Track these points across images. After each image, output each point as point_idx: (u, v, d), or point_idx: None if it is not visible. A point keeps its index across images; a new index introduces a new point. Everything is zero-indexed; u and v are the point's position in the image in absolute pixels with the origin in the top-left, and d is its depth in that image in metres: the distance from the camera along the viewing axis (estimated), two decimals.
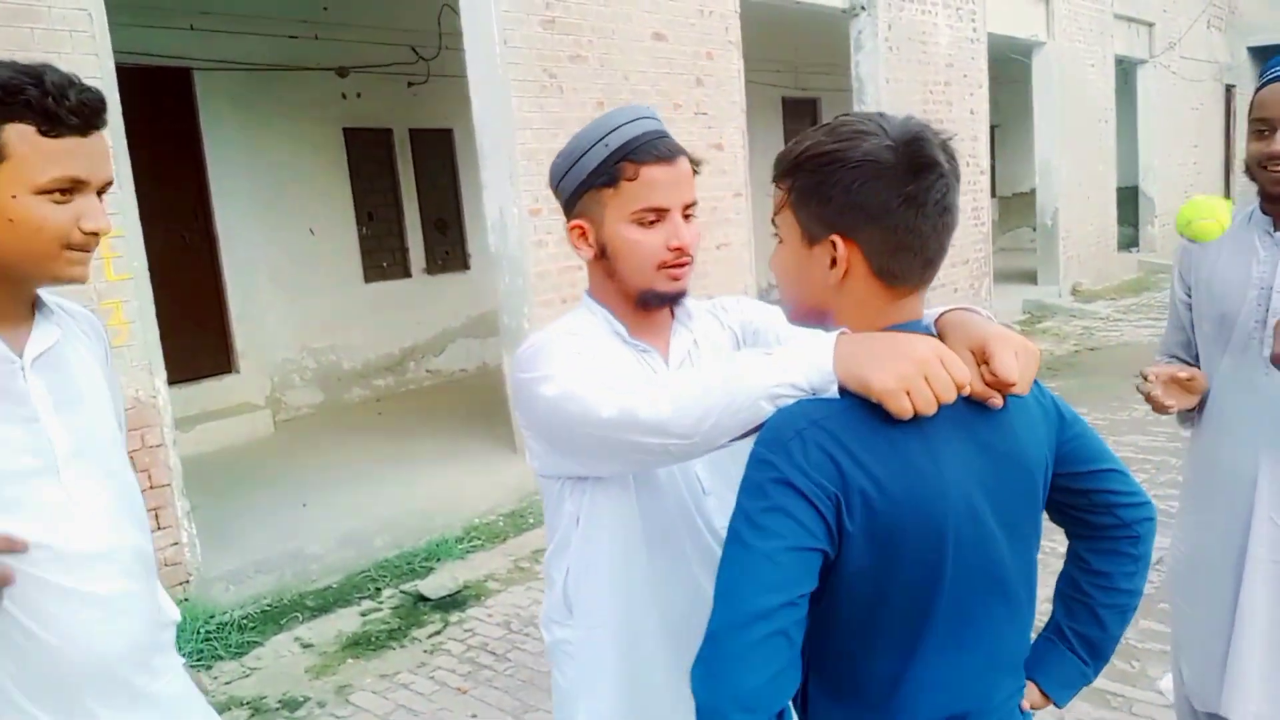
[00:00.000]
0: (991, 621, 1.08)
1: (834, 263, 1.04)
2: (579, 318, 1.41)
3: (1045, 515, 1.19)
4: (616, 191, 1.30)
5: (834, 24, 8.43)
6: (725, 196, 6.68)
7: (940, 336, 1.10)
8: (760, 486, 0.98)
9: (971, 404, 1.04)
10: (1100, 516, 1.20)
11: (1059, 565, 1.28)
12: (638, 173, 1.28)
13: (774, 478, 0.97)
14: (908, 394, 0.97)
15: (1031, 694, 1.22)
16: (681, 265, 1.33)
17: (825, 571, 0.99)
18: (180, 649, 1.42)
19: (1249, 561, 1.86)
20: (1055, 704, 1.25)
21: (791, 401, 1.04)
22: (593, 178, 1.31)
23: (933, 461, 1.00)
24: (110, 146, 1.23)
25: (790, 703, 0.99)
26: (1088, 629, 1.23)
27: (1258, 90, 1.82)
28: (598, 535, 1.36)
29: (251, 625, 3.80)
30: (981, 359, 1.04)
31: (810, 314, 1.12)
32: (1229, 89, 16.25)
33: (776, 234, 1.12)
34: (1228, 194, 16.42)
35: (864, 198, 1.00)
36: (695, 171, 1.36)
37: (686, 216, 1.33)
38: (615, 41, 5.90)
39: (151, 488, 3.86)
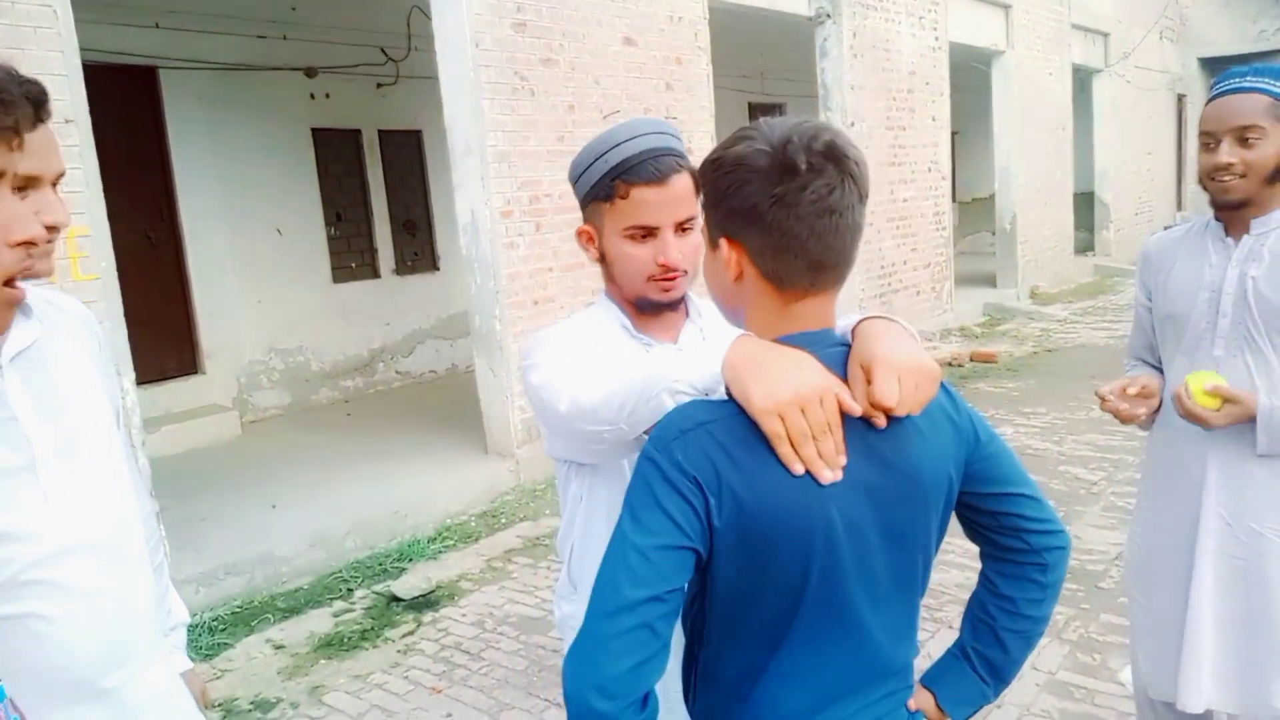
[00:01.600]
0: (861, 626, 1.10)
1: (727, 264, 1.08)
2: (593, 312, 1.50)
3: (964, 532, 1.25)
4: (612, 206, 1.39)
5: (800, 31, 8.54)
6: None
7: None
8: (644, 482, 1.03)
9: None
10: (1008, 539, 1.21)
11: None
12: (628, 192, 1.35)
13: (656, 475, 1.02)
14: (783, 420, 1.00)
15: (924, 700, 1.24)
16: (670, 279, 1.39)
17: (702, 567, 1.04)
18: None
19: (1198, 554, 1.94)
20: (951, 718, 1.26)
21: (687, 399, 1.11)
22: (594, 191, 1.40)
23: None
24: (59, 139, 1.22)
25: (659, 688, 1.03)
26: (990, 651, 1.25)
27: (1206, 105, 1.92)
28: (597, 515, 1.44)
29: (222, 627, 3.79)
30: (867, 379, 1.05)
31: (730, 313, 1.16)
32: (1180, 98, 16.69)
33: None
34: (1179, 201, 16.84)
35: (738, 201, 1.04)
36: (699, 185, 1.39)
37: (683, 231, 1.39)
38: (586, 45, 5.94)
39: None
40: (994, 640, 1.24)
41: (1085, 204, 13.88)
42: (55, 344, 1.25)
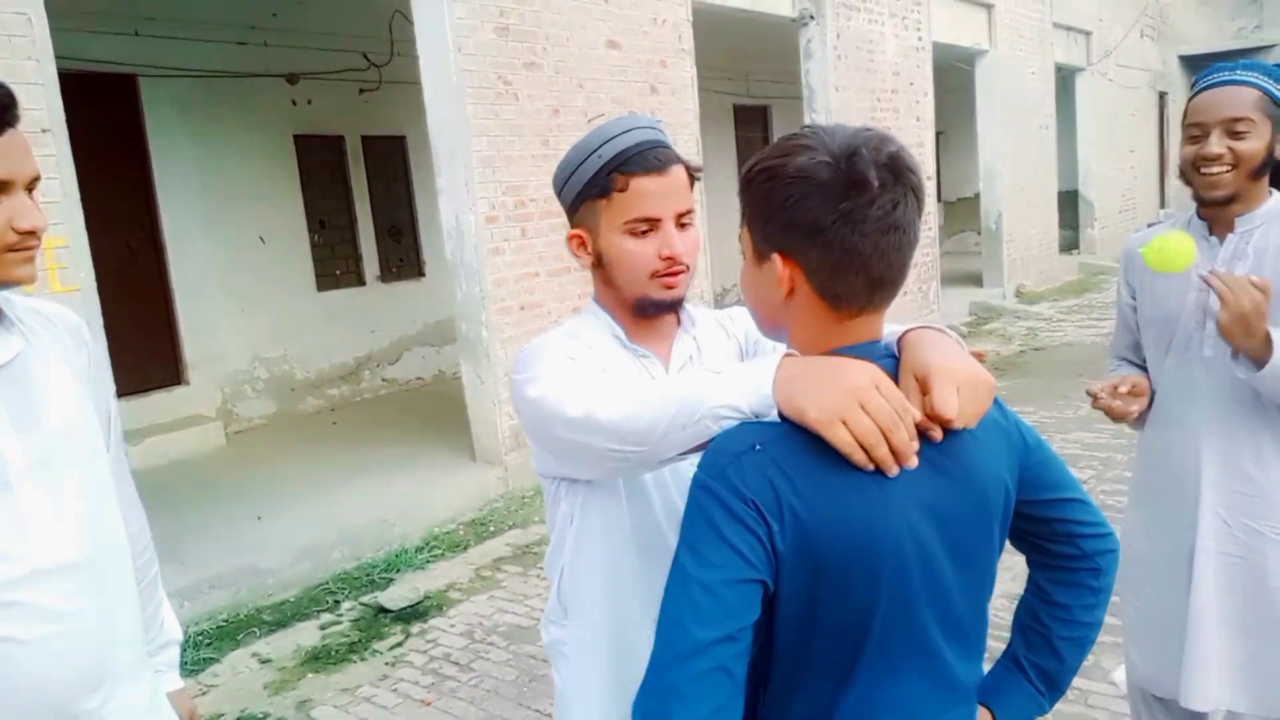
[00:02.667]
0: (934, 650, 1.05)
1: (779, 281, 1.02)
2: (582, 321, 1.43)
3: (1007, 542, 1.18)
4: (609, 202, 1.32)
5: (784, 33, 8.54)
6: None
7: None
8: (701, 512, 0.96)
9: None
10: (1061, 546, 1.17)
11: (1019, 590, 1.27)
12: (628, 184, 1.30)
13: (714, 504, 0.95)
14: (846, 425, 0.95)
15: None
16: (674, 274, 1.34)
17: (766, 600, 0.98)
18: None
19: (1198, 554, 1.92)
20: None
21: (734, 423, 1.04)
22: (588, 189, 1.33)
23: (877, 486, 0.97)
24: (33, 147, 1.19)
25: None
26: (1045, 660, 1.21)
27: (1191, 98, 1.89)
28: (590, 537, 1.38)
29: (207, 642, 3.74)
30: (924, 389, 1.00)
31: (771, 329, 1.12)
32: (1162, 96, 16.80)
33: (743, 252, 1.10)
34: (1162, 198, 16.94)
35: (798, 215, 0.97)
36: (694, 179, 1.37)
37: (682, 225, 1.34)
38: (569, 49, 5.92)
39: None
40: (1048, 649, 1.21)
41: (1069, 202, 13.94)
42: (39, 357, 1.22)
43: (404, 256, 8.46)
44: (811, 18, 8.25)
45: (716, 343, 1.48)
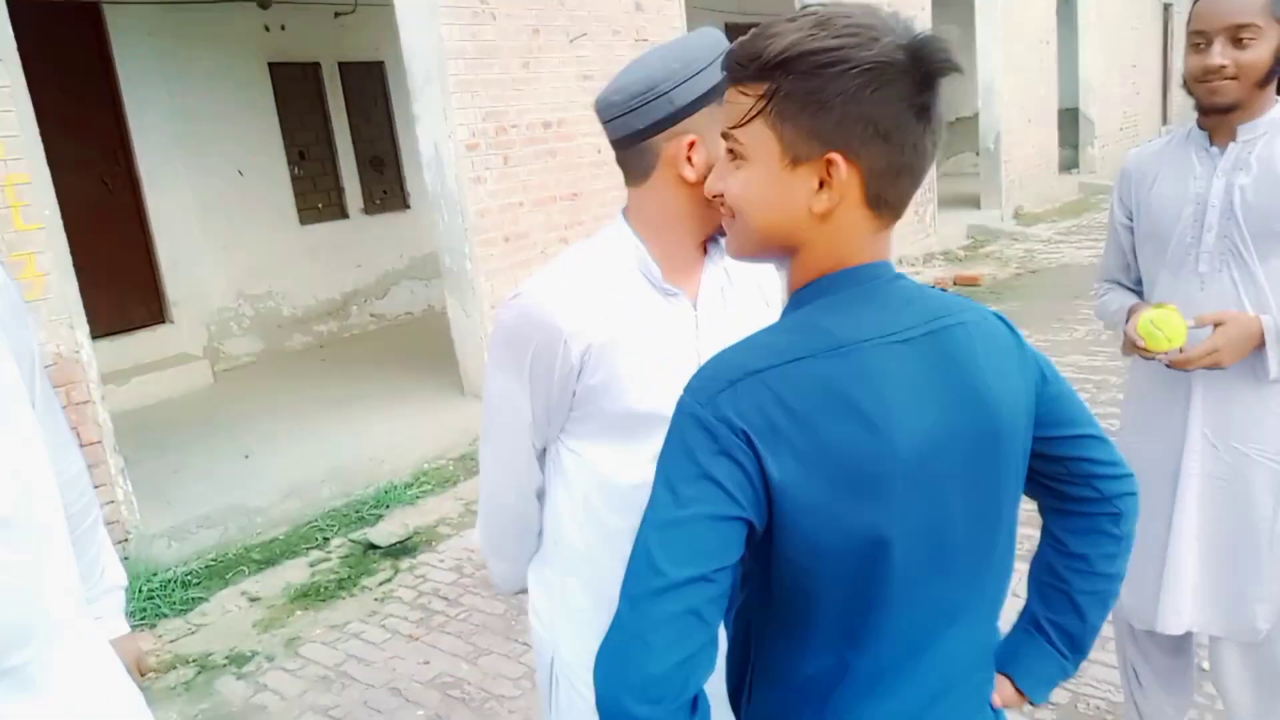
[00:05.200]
0: (953, 608, 0.95)
1: (822, 185, 0.87)
2: (606, 247, 1.28)
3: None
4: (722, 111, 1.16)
5: None
6: None
7: None
8: (681, 441, 0.87)
9: (944, 354, 0.92)
10: (1077, 488, 1.06)
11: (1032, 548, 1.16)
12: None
13: (696, 431, 0.86)
14: None
15: (1004, 690, 1.09)
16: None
17: (758, 545, 0.88)
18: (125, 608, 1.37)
19: (1183, 476, 1.88)
20: (1031, 702, 1.11)
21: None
22: (715, 92, 1.18)
23: (883, 418, 0.87)
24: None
25: (706, 691, 0.86)
26: (1066, 619, 1.10)
27: (1195, 2, 1.78)
28: (564, 484, 1.34)
29: (195, 581, 3.72)
30: None
31: (772, 248, 0.94)
32: (1166, 8, 16.34)
33: (733, 151, 0.92)
34: (1165, 114, 16.61)
35: (875, 109, 0.84)
36: None
37: None
38: None
39: (81, 446, 3.72)
40: (1070, 607, 1.09)
41: (1069, 120, 13.64)
42: None
43: (387, 188, 8.27)
44: None
45: (745, 279, 1.36)
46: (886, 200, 0.89)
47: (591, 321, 1.22)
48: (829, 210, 0.88)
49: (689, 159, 1.20)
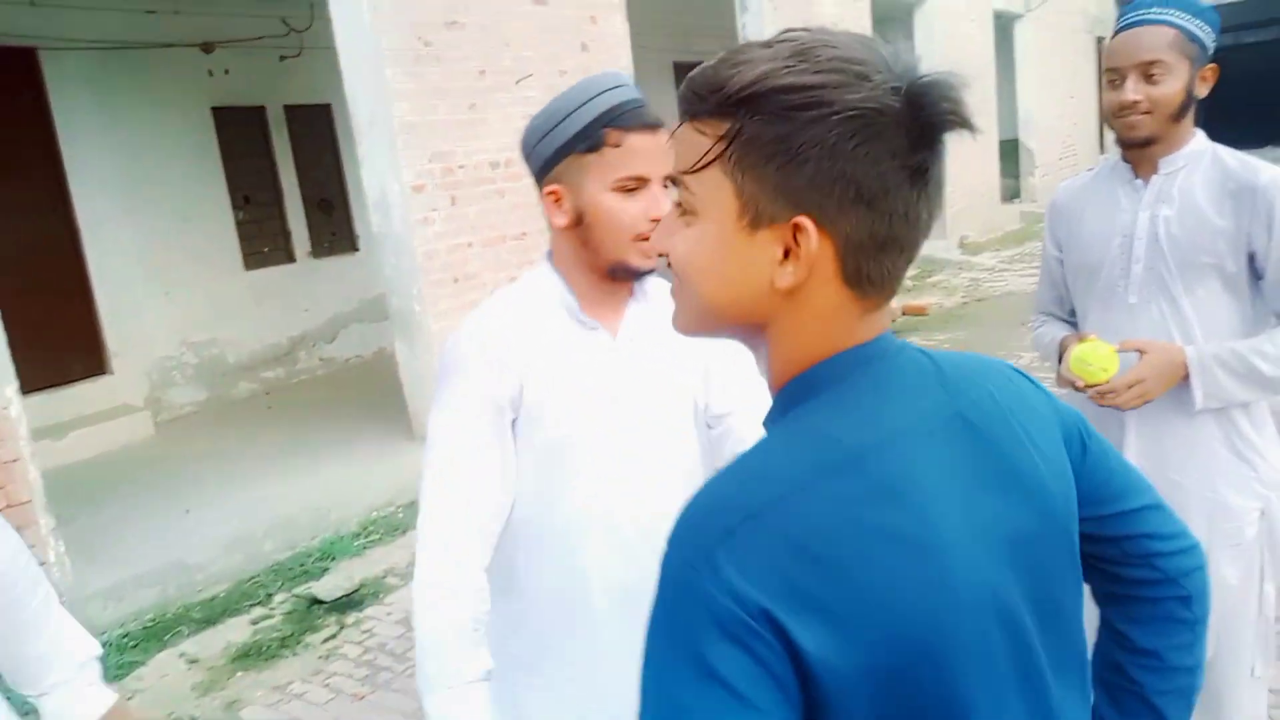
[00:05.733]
0: None
1: (787, 255, 0.70)
2: (529, 287, 1.36)
3: None
4: (600, 157, 1.25)
5: None
6: None
7: None
8: (674, 626, 0.65)
9: (981, 438, 0.75)
10: (1136, 570, 0.87)
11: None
12: (622, 139, 1.24)
13: (697, 614, 0.64)
14: None
15: None
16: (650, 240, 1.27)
17: None
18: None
19: None
20: None
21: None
22: (576, 141, 1.25)
23: (927, 530, 0.68)
24: None
25: None
26: None
27: (1112, 38, 1.83)
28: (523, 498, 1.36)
29: (133, 644, 3.58)
30: None
31: (728, 326, 0.76)
32: (1099, 40, 16.88)
33: (680, 203, 0.75)
34: (1102, 144, 17.10)
35: (858, 166, 0.67)
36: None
37: (665, 189, 1.29)
38: (493, 6, 5.68)
39: (9, 506, 3.58)
40: (1147, 710, 0.89)
41: (1010, 151, 13.99)
42: None
43: (336, 230, 8.18)
44: None
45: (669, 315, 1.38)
46: (870, 278, 0.72)
47: (518, 355, 1.29)
48: (795, 287, 0.71)
49: (550, 210, 1.29)
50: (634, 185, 1.25)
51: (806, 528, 0.65)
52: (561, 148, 1.26)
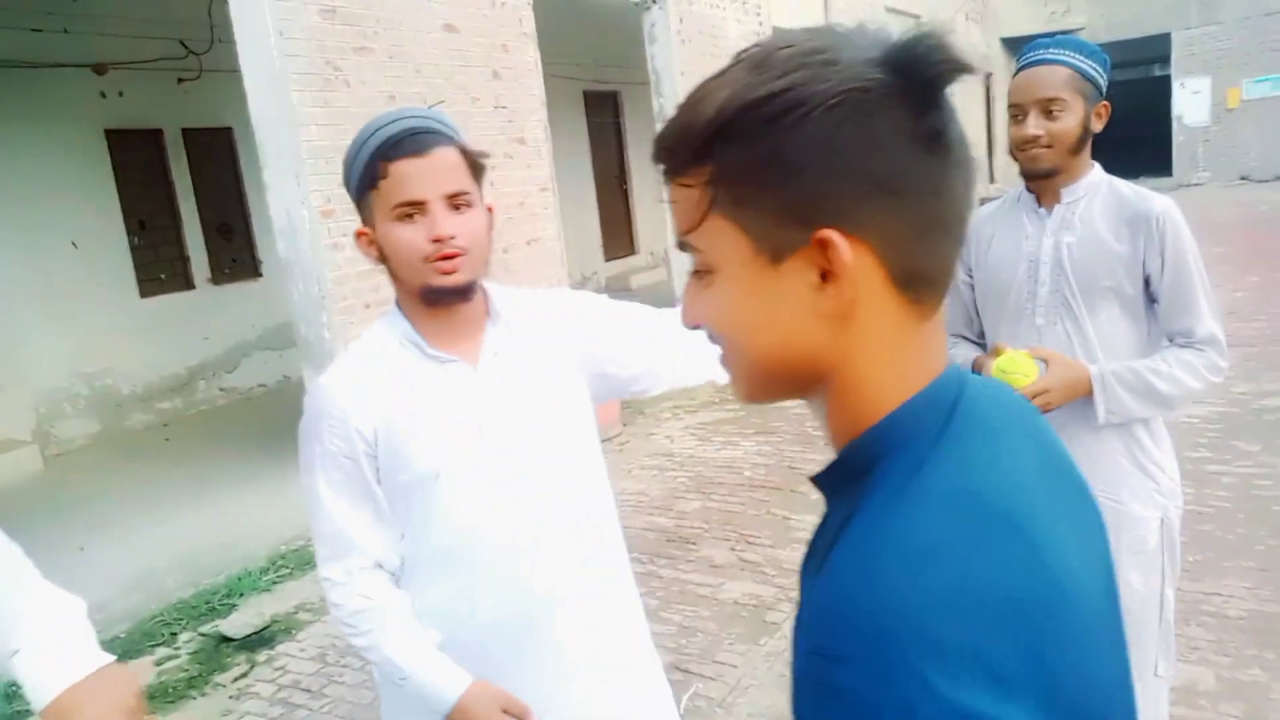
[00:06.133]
0: None
1: (826, 277, 0.61)
2: (375, 334, 1.38)
3: None
4: (379, 192, 1.28)
5: (628, 17, 8.49)
6: (532, 191, 6.58)
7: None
8: None
9: (1069, 476, 0.71)
10: None
11: None
12: (389, 170, 1.26)
13: None
14: None
15: None
16: (449, 256, 1.27)
17: None
18: None
19: None
20: None
21: None
22: (361, 182, 1.29)
23: (1074, 586, 0.60)
24: None
25: None
26: None
27: (1013, 76, 1.94)
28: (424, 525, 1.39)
29: (22, 693, 3.36)
30: None
31: (790, 380, 0.66)
32: (987, 77, 17.79)
33: (696, 268, 0.67)
34: (991, 174, 17.97)
35: (862, 155, 0.59)
36: (476, 163, 1.32)
37: (456, 207, 1.29)
38: (404, 32, 5.66)
39: None
40: None
41: None
42: None
43: (237, 256, 7.95)
44: (653, 2, 8.23)
45: (533, 330, 1.42)
46: (923, 274, 0.63)
47: (362, 408, 1.30)
48: (843, 309, 0.61)
49: (364, 251, 1.34)
50: (411, 211, 1.27)
51: (997, 603, 0.54)
52: (357, 191, 1.31)
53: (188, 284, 7.52)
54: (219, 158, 7.81)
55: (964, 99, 16.39)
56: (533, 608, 1.34)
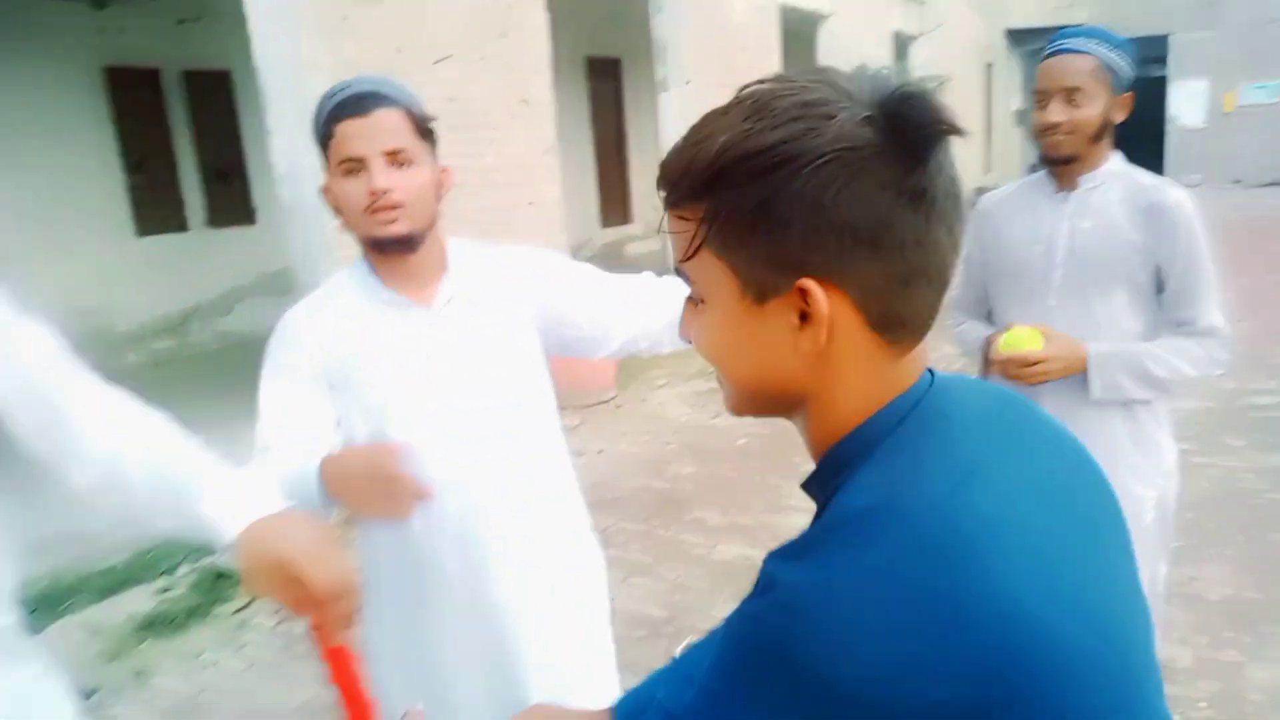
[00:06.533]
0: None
1: (805, 319, 0.67)
2: (338, 278, 1.52)
3: None
4: (330, 150, 1.41)
5: None
6: (534, 153, 6.59)
7: None
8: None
9: (1038, 437, 0.75)
10: None
11: None
12: (335, 130, 1.38)
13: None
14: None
15: None
16: (385, 208, 1.38)
17: None
18: None
19: None
20: None
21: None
22: (321, 143, 1.42)
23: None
24: None
25: None
26: None
27: (1040, 62, 1.97)
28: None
29: (30, 610, 3.41)
30: None
31: (771, 402, 0.74)
32: (988, 67, 17.82)
33: (690, 294, 0.74)
34: (988, 163, 18.01)
35: (849, 211, 0.64)
36: (421, 125, 1.43)
37: (399, 165, 1.39)
38: None
39: None
40: None
41: None
42: None
43: (233, 200, 7.91)
44: None
45: (490, 281, 1.51)
46: (901, 319, 0.68)
47: (317, 335, 1.44)
48: (819, 349, 0.67)
49: (330, 206, 1.45)
50: (352, 167, 1.38)
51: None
52: (321, 152, 1.42)
53: (182, 226, 7.50)
54: (218, 101, 7.76)
55: (965, 88, 16.43)
56: (469, 545, 1.43)
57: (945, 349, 2.28)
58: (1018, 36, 17.65)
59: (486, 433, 1.44)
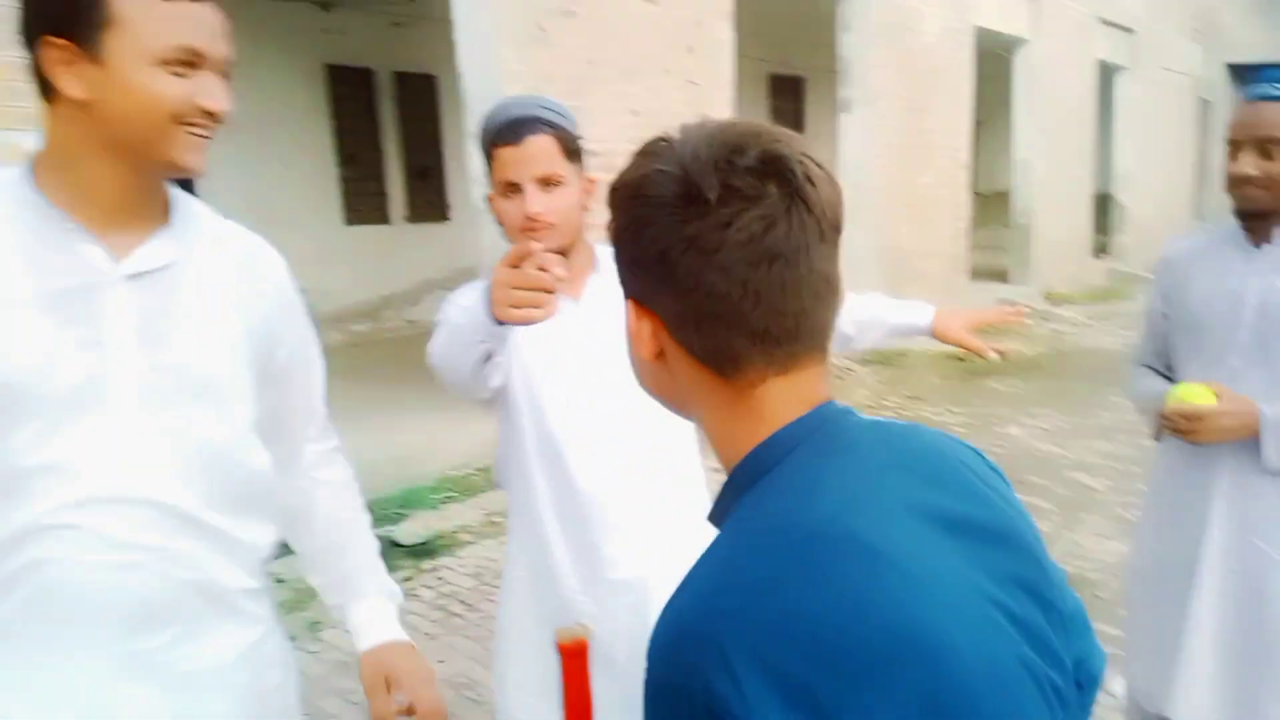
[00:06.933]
0: None
1: (638, 338, 0.78)
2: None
3: None
4: (491, 168, 1.56)
5: (823, 3, 8.41)
6: None
7: None
8: None
9: (939, 487, 0.75)
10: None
11: None
12: (493, 153, 1.54)
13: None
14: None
15: None
16: (536, 229, 1.50)
17: None
18: None
19: (1202, 569, 1.86)
20: None
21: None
22: (485, 156, 1.57)
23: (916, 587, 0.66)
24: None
25: None
26: None
27: (1233, 111, 1.83)
28: (506, 455, 1.73)
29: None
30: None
31: (677, 408, 0.83)
32: (1206, 104, 16.49)
33: None
34: (1200, 210, 16.58)
35: (641, 249, 0.73)
36: (570, 146, 1.54)
37: (550, 186, 1.52)
38: (608, 1, 5.82)
39: None
40: None
41: (1101, 205, 13.66)
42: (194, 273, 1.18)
43: (431, 198, 8.44)
44: None
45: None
46: (713, 353, 0.73)
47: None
48: (655, 361, 0.77)
49: (492, 213, 1.62)
50: (508, 190, 1.53)
51: (795, 618, 0.63)
52: (486, 166, 1.58)
53: (384, 219, 8.07)
54: (422, 103, 8.30)
55: (1178, 122, 15.28)
56: (583, 502, 1.60)
57: (1107, 417, 2.19)
58: (1240, 72, 16.25)
59: (619, 405, 1.54)
